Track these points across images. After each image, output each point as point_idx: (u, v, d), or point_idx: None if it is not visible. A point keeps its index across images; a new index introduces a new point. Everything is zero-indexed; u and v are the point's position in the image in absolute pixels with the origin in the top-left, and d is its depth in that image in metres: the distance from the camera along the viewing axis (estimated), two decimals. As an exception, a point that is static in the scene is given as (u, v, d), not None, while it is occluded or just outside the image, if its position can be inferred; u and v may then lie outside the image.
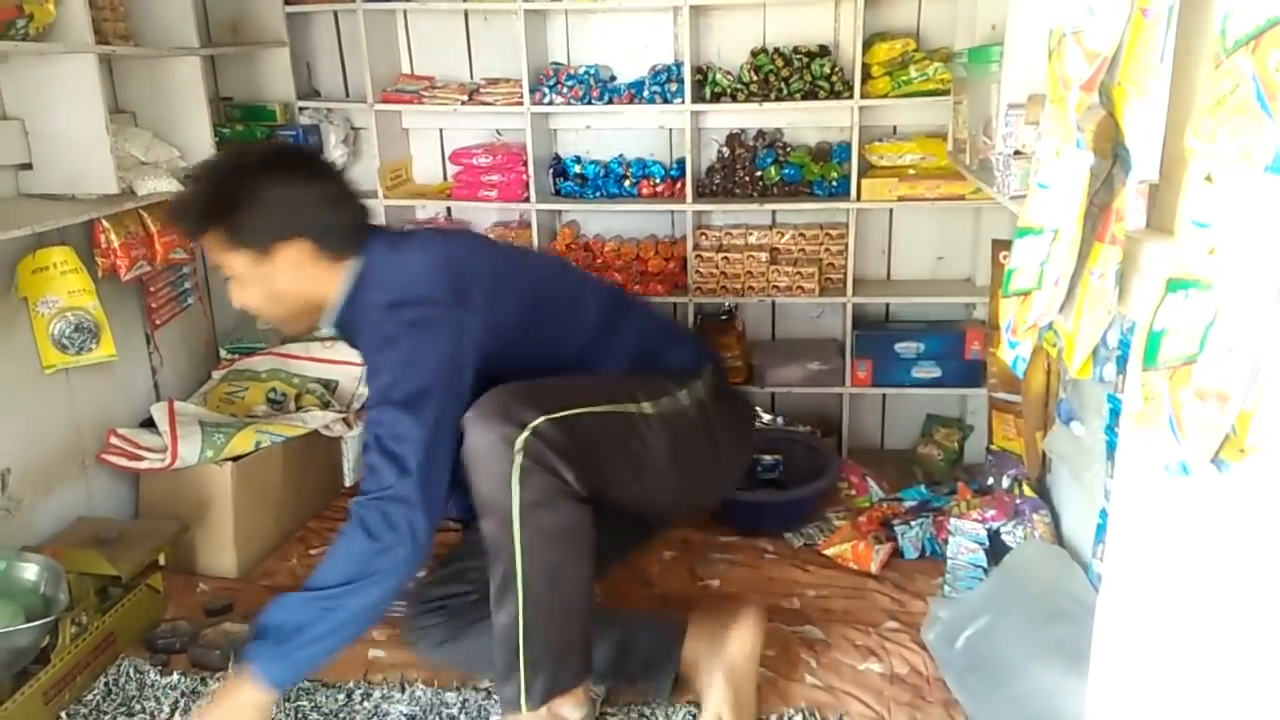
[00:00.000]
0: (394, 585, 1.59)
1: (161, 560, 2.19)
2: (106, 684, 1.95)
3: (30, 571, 1.93)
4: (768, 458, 2.69)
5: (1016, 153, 1.69)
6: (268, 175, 1.67)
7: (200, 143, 2.56)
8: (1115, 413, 1.67)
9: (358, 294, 1.72)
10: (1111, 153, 0.96)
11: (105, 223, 2.26)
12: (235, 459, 2.36)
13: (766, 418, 3.00)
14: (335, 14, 3.01)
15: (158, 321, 2.62)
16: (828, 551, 2.39)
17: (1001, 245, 2.41)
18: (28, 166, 2.23)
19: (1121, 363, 1.58)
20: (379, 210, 2.96)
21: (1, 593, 1.87)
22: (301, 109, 2.99)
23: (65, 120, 2.18)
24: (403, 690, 1.91)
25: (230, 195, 1.64)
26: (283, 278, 1.68)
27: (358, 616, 1.58)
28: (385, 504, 1.56)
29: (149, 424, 2.45)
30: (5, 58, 2.13)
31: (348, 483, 2.85)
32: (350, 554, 1.58)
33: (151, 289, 2.58)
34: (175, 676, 1.97)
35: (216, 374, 2.77)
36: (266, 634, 1.57)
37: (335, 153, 3.04)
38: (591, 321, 1.87)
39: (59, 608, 1.85)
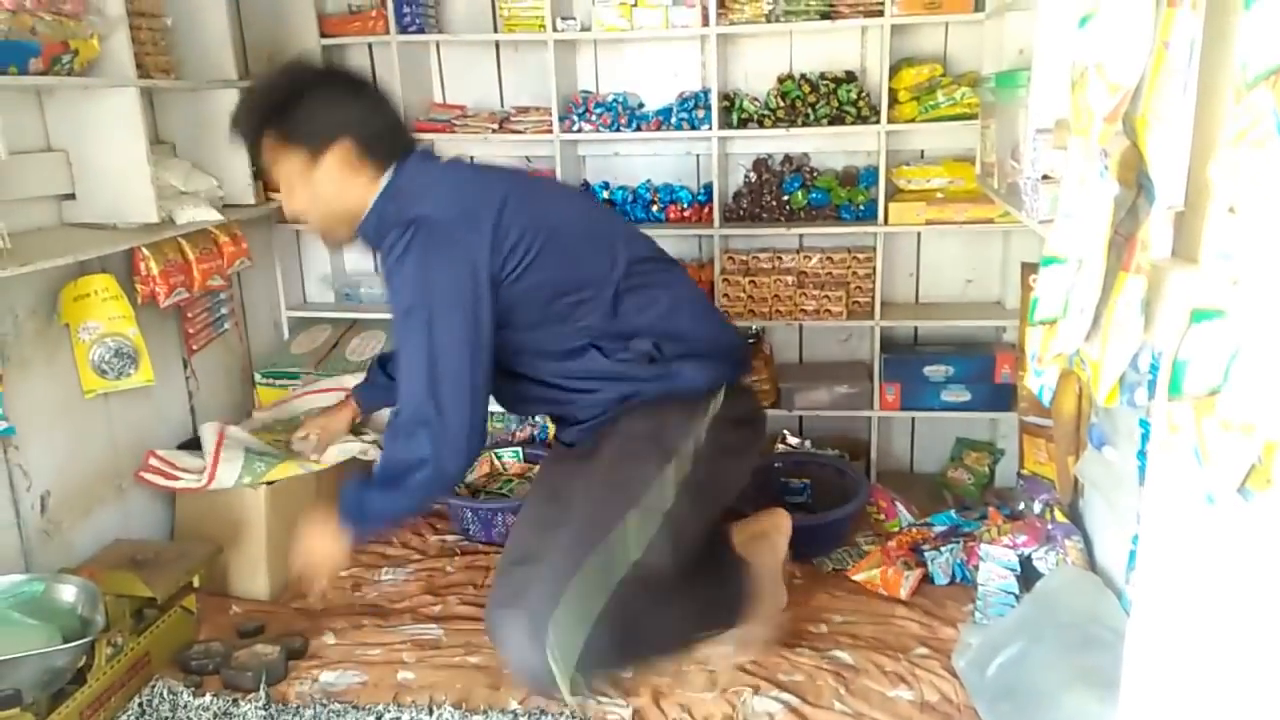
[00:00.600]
0: (425, 498, 1.82)
1: (196, 582, 2.22)
2: (140, 705, 1.98)
3: (68, 593, 1.96)
4: (796, 481, 2.68)
5: (1045, 177, 1.69)
6: (319, 80, 1.82)
7: (238, 172, 2.62)
8: (1147, 438, 1.66)
9: (382, 203, 1.77)
10: (1136, 182, 0.96)
11: (145, 251, 2.32)
12: (269, 483, 2.39)
13: (794, 441, 3.00)
14: (370, 45, 3.07)
15: (195, 347, 2.68)
16: (857, 577, 2.37)
17: (1031, 269, 2.40)
18: (71, 196, 2.30)
19: (1153, 387, 1.57)
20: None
21: (39, 614, 1.91)
22: (335, 138, 3.04)
23: (107, 151, 2.24)
24: (431, 713, 1.92)
25: (287, 95, 1.74)
26: (328, 180, 1.75)
27: (404, 510, 1.86)
28: (408, 423, 1.71)
29: (190, 445, 2.50)
30: (51, 91, 2.20)
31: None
32: (389, 462, 1.76)
33: (189, 315, 2.63)
34: (208, 698, 1.99)
35: (260, 415, 2.80)
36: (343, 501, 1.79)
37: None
38: (616, 279, 1.83)
39: (95, 629, 1.89)
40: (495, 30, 2.97)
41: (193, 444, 2.55)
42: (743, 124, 2.86)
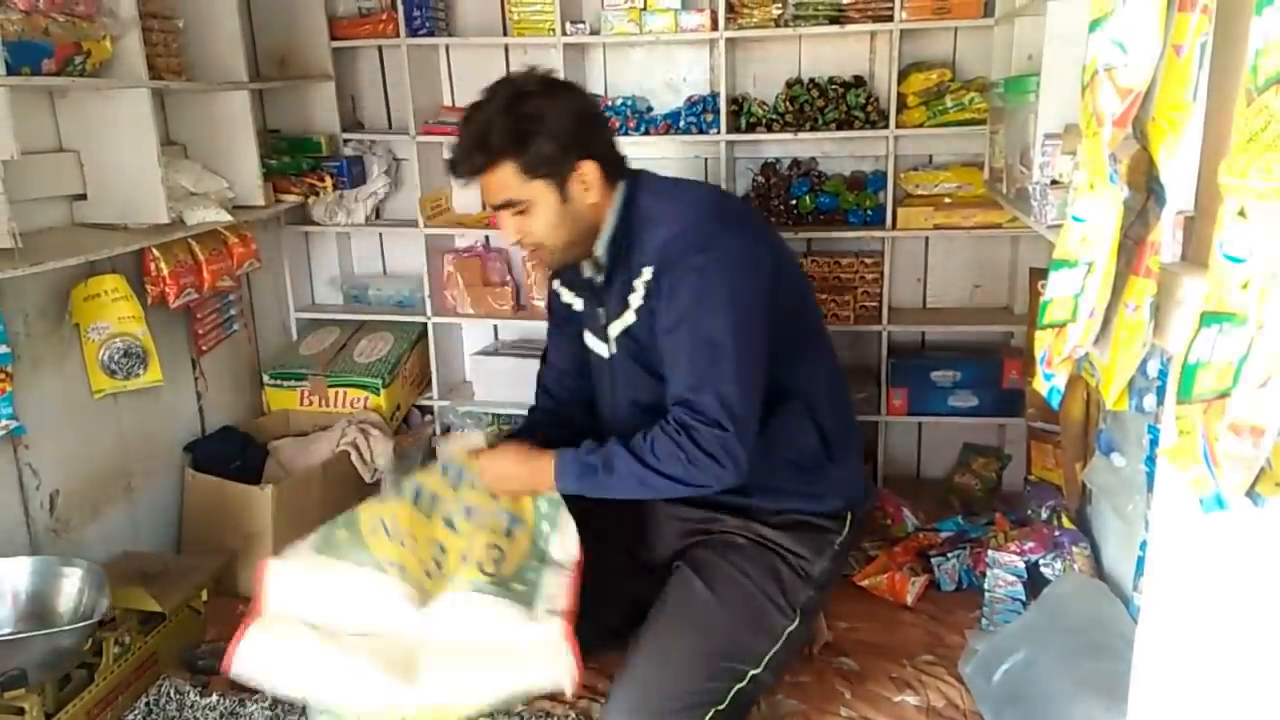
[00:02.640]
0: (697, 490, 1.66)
1: (204, 596, 2.23)
2: (148, 704, 1.99)
3: (74, 576, 1.98)
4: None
5: (1054, 182, 1.69)
6: (553, 99, 1.67)
7: (248, 174, 2.63)
8: (1156, 444, 1.65)
9: (630, 220, 1.71)
10: (1146, 186, 0.96)
11: (155, 251, 2.33)
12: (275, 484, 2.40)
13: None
14: (380, 48, 3.08)
15: (203, 347, 2.69)
16: (863, 582, 2.37)
17: (1039, 274, 2.40)
18: (82, 197, 2.31)
19: (1161, 393, 1.57)
20: (419, 238, 3.01)
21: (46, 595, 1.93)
22: (345, 140, 3.05)
23: (119, 152, 2.25)
24: (437, 715, 1.92)
25: (525, 122, 1.63)
26: (575, 201, 1.68)
27: (655, 492, 1.66)
28: (708, 429, 1.58)
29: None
30: (63, 92, 2.21)
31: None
32: (674, 455, 1.60)
33: (198, 316, 2.64)
34: (214, 698, 2.00)
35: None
36: (586, 451, 1.67)
37: (377, 183, 3.10)
38: (815, 358, 1.83)
39: (102, 611, 1.90)
40: (505, 33, 2.98)
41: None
42: (750, 128, 2.86)
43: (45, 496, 2.20)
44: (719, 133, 2.82)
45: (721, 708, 1.64)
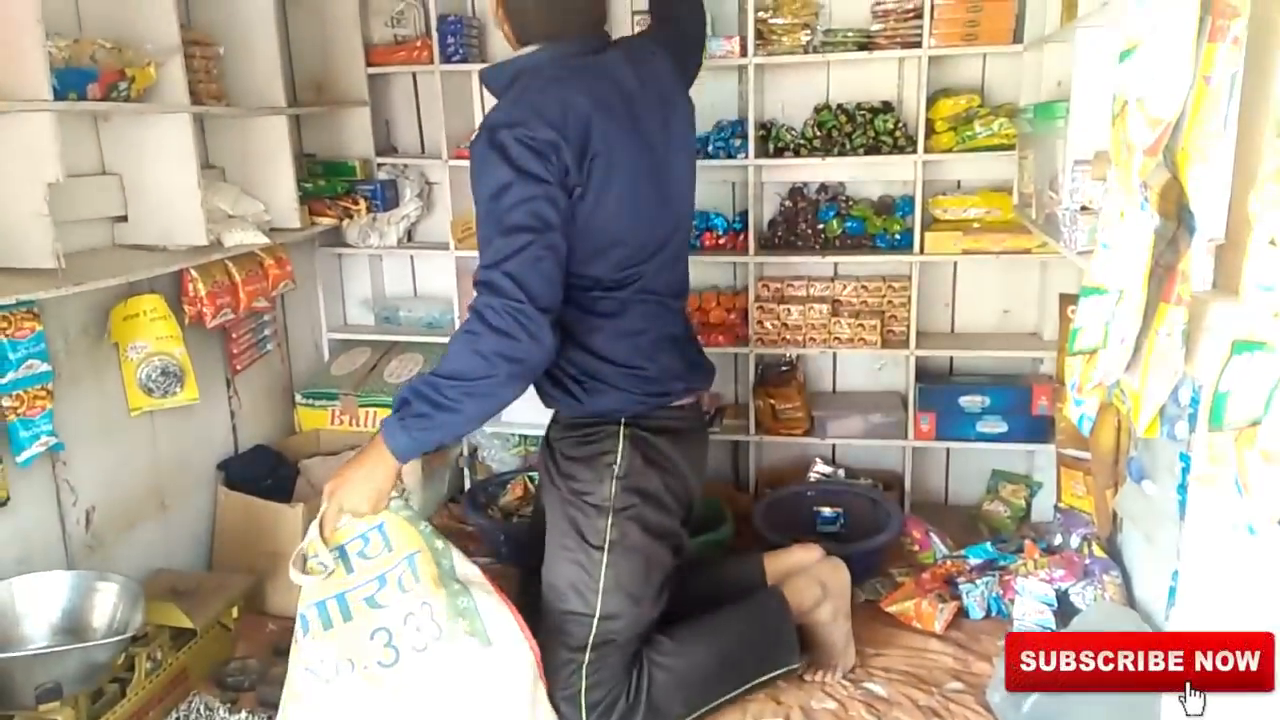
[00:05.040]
0: (518, 388, 1.69)
1: (235, 613, 2.26)
2: (178, 719, 2.01)
3: (110, 591, 2.01)
4: (829, 510, 2.67)
5: (1083, 208, 1.69)
6: None
7: (285, 197, 2.67)
8: (1188, 471, 1.64)
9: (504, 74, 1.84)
10: (1176, 215, 0.96)
11: (194, 272, 2.38)
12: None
13: (827, 469, 2.99)
14: (414, 75, 3.14)
15: (238, 367, 2.73)
16: (890, 609, 2.35)
17: (1069, 300, 2.39)
18: (123, 219, 2.36)
19: (1193, 421, 1.56)
20: (450, 260, 3.05)
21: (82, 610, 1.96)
22: (380, 164, 3.10)
23: (159, 175, 2.30)
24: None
25: None
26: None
27: (481, 411, 1.69)
28: (495, 306, 1.62)
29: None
30: (107, 117, 2.26)
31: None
32: (477, 349, 1.62)
33: (234, 335, 2.69)
34: (243, 714, 2.02)
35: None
36: (398, 407, 1.67)
37: (410, 206, 3.15)
38: (632, 274, 1.84)
39: (135, 626, 1.93)
40: (536, 60, 3.02)
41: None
42: (779, 153, 2.88)
43: (82, 512, 2.24)
44: (747, 157, 2.84)
45: (585, 648, 1.83)
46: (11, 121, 1.86)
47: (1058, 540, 2.41)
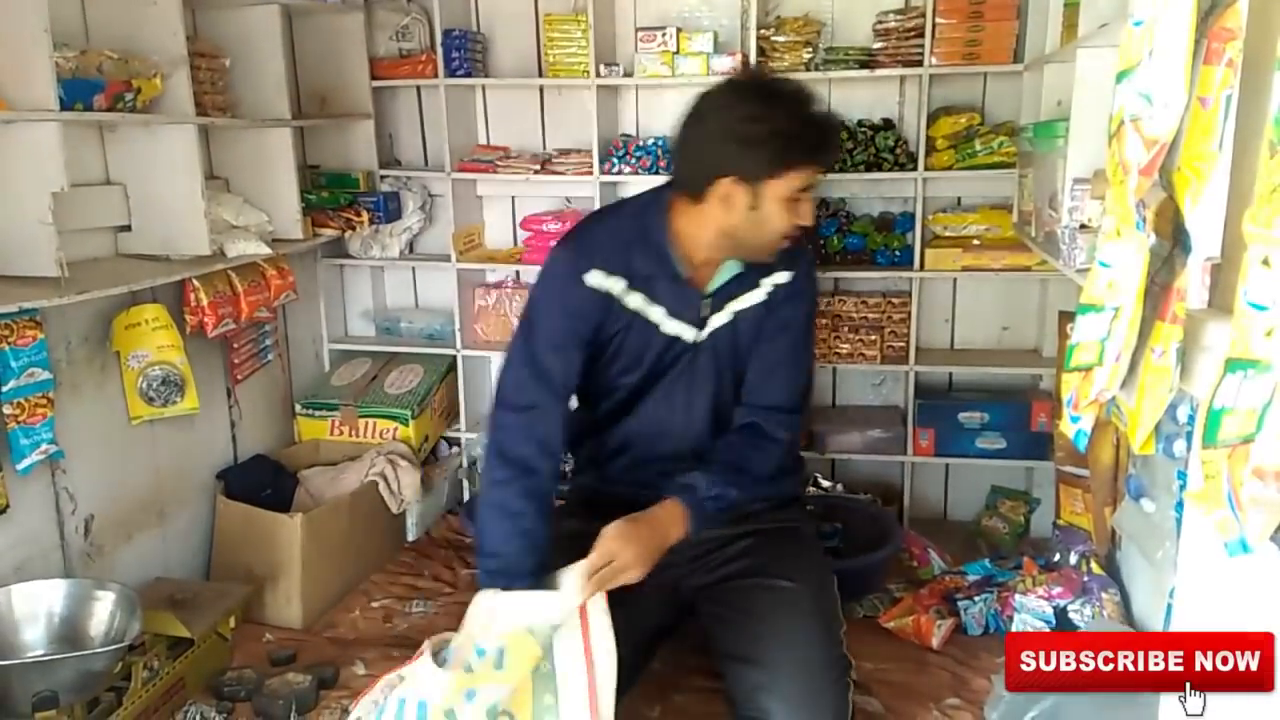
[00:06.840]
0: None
1: (232, 623, 2.25)
2: (174, 729, 2.01)
3: (108, 600, 2.01)
4: (827, 525, 2.67)
5: (1083, 226, 1.70)
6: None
7: (288, 208, 2.69)
8: (1185, 489, 1.64)
9: None
10: (1172, 234, 0.97)
11: (196, 282, 2.38)
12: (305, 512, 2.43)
13: (826, 484, 2.99)
14: (418, 88, 3.16)
15: (239, 376, 2.73)
16: (888, 624, 2.35)
17: (1068, 317, 2.39)
18: (127, 228, 2.37)
19: (1191, 438, 1.56)
20: (451, 272, 3.06)
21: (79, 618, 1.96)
22: (383, 177, 3.12)
23: (164, 186, 2.31)
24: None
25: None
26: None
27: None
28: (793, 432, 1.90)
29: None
30: (113, 127, 2.28)
31: (410, 538, 2.92)
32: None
33: (235, 345, 2.69)
34: (240, 724, 2.01)
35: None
36: (708, 494, 1.75)
37: (412, 218, 3.16)
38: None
39: (132, 635, 1.93)
40: (540, 75, 3.04)
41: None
42: (780, 169, 2.89)
43: (81, 521, 2.24)
44: (748, 173, 2.85)
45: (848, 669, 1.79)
46: (18, 130, 1.88)
47: (1056, 557, 2.40)
